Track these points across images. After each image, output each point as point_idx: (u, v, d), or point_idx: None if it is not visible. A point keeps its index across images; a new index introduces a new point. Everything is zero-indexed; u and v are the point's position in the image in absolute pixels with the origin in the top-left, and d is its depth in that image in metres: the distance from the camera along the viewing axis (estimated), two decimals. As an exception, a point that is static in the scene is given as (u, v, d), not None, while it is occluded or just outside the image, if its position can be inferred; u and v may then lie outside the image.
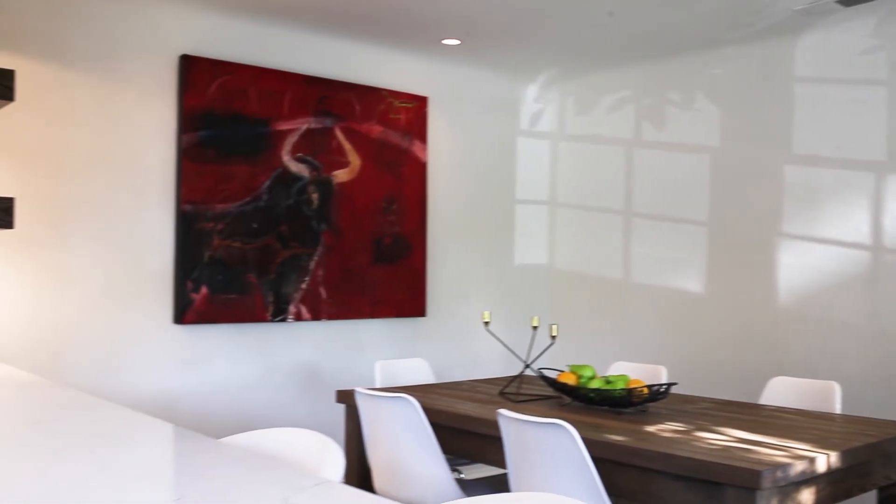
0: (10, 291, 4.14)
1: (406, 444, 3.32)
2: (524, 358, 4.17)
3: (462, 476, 3.39)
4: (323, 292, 5.13)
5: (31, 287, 4.20)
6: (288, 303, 4.99)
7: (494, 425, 3.07)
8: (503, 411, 2.88)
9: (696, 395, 4.07)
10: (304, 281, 5.05)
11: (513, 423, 2.86)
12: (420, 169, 5.66)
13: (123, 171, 4.49)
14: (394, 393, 3.37)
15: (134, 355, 4.50)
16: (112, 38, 4.46)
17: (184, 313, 4.60)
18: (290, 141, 5.02)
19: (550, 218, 6.53)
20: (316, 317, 5.10)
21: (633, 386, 3.40)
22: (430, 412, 3.34)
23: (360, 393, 3.42)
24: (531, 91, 6.50)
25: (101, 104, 4.42)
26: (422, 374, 4.56)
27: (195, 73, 4.67)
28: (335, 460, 1.85)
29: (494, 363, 5.94)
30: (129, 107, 4.52)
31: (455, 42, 5.42)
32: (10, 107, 3.79)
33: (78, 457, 1.67)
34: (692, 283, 5.57)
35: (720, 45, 5.39)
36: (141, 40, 4.56)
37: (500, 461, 3.19)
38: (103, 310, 4.41)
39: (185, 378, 4.67)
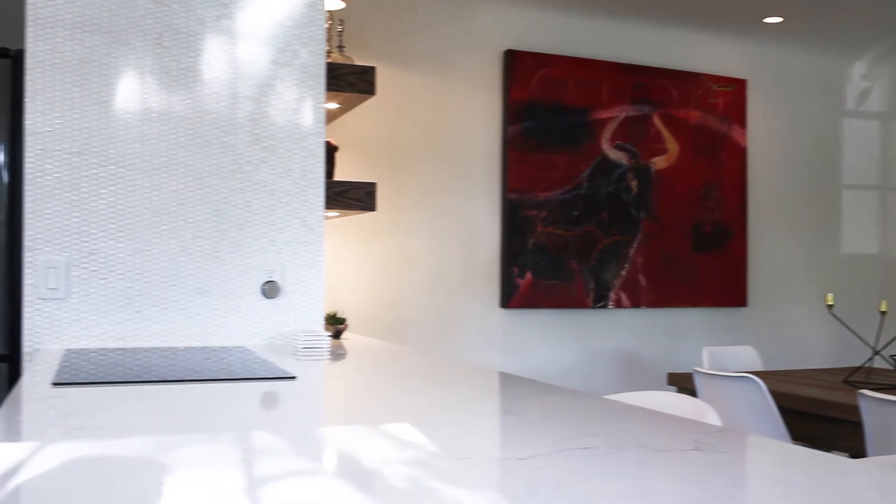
0: (358, 271, 4.52)
1: (749, 427, 3.22)
2: (870, 346, 3.90)
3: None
4: (642, 280, 5.12)
5: (374, 268, 4.57)
6: (608, 290, 5.02)
7: (849, 409, 2.90)
8: (866, 392, 2.72)
9: None
10: (623, 268, 5.07)
11: (877, 406, 2.69)
12: (739, 154, 5.48)
13: (454, 162, 4.75)
14: (736, 373, 3.29)
15: (463, 336, 4.75)
16: (443, 38, 4.75)
17: (510, 298, 4.78)
18: (609, 129, 5.06)
19: (882, 204, 6.06)
20: (635, 304, 5.10)
21: None
22: (773, 395, 3.22)
23: (700, 373, 3.37)
24: (858, 68, 6.07)
25: (434, 99, 4.71)
26: (750, 361, 4.41)
27: (518, 66, 4.84)
28: (713, 420, 1.85)
29: (823, 354, 5.61)
30: (459, 101, 4.78)
31: (777, 20, 5.19)
32: (362, 103, 4.13)
33: (462, 402, 1.80)
34: None
35: None
36: (468, 38, 4.80)
37: (852, 448, 3.02)
38: (436, 292, 4.69)
39: (509, 360, 4.85)
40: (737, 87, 5.48)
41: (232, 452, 1.25)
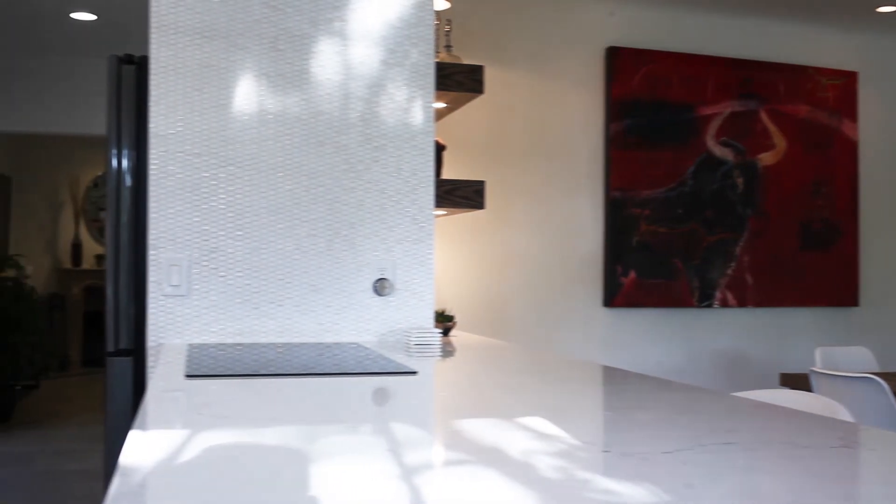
0: (462, 270, 4.54)
1: (870, 430, 3.12)
2: None
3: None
4: (749, 279, 5.01)
5: (478, 266, 4.58)
6: (713, 288, 4.93)
7: (981, 412, 2.78)
8: None
9: None
10: (729, 267, 4.97)
11: None
12: (850, 149, 5.30)
13: (556, 160, 4.74)
14: (856, 374, 3.19)
15: (566, 334, 4.73)
16: (544, 36, 4.73)
17: (613, 297, 4.73)
18: (714, 125, 4.97)
19: None
20: (742, 303, 4.99)
21: None
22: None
23: (818, 374, 3.28)
24: (977, 58, 5.81)
25: (535, 98, 4.71)
26: (865, 362, 4.27)
27: (620, 63, 4.79)
28: (847, 418, 1.79)
29: (942, 358, 5.39)
30: (560, 99, 4.76)
31: (891, 9, 5.01)
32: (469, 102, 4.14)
33: (587, 397, 1.79)
34: None
35: None
36: (569, 36, 4.78)
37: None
38: (539, 291, 4.68)
39: (612, 359, 4.81)
40: (847, 80, 5.31)
41: (376, 442, 1.27)
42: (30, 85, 6.52)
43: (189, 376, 1.99)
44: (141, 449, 1.19)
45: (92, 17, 5.33)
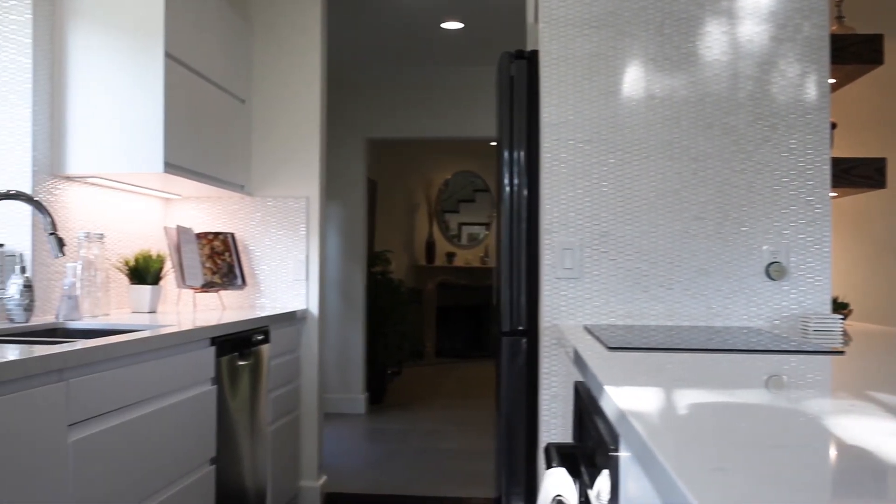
0: (843, 254, 4.27)
1: None
2: None
3: None
4: None
5: (860, 252, 4.28)
6: None
7: None
8: None
9: None
10: None
11: None
12: None
13: (950, 139, 4.30)
14: None
15: (966, 331, 4.27)
16: (936, 1, 4.32)
17: None
18: None
19: None
20: None
21: None
22: None
23: None
24: None
25: (927, 71, 4.30)
26: None
27: None
28: None
29: None
30: (956, 71, 4.31)
31: None
32: (859, 77, 3.89)
33: None
34: None
35: None
36: (967, -1, 4.32)
37: None
38: (932, 282, 4.28)
39: None
40: None
41: (865, 406, 1.23)
42: (399, 94, 7.09)
43: (611, 348, 2.05)
44: (629, 400, 1.25)
45: (459, 25, 5.68)
